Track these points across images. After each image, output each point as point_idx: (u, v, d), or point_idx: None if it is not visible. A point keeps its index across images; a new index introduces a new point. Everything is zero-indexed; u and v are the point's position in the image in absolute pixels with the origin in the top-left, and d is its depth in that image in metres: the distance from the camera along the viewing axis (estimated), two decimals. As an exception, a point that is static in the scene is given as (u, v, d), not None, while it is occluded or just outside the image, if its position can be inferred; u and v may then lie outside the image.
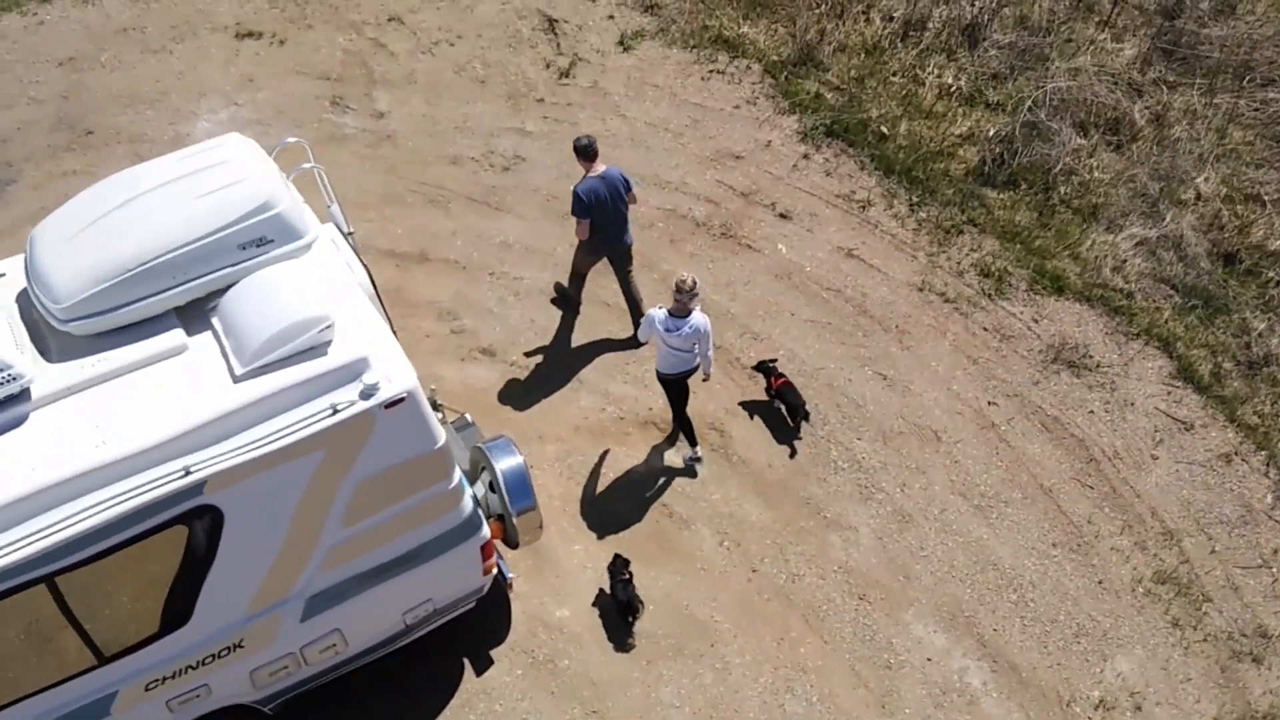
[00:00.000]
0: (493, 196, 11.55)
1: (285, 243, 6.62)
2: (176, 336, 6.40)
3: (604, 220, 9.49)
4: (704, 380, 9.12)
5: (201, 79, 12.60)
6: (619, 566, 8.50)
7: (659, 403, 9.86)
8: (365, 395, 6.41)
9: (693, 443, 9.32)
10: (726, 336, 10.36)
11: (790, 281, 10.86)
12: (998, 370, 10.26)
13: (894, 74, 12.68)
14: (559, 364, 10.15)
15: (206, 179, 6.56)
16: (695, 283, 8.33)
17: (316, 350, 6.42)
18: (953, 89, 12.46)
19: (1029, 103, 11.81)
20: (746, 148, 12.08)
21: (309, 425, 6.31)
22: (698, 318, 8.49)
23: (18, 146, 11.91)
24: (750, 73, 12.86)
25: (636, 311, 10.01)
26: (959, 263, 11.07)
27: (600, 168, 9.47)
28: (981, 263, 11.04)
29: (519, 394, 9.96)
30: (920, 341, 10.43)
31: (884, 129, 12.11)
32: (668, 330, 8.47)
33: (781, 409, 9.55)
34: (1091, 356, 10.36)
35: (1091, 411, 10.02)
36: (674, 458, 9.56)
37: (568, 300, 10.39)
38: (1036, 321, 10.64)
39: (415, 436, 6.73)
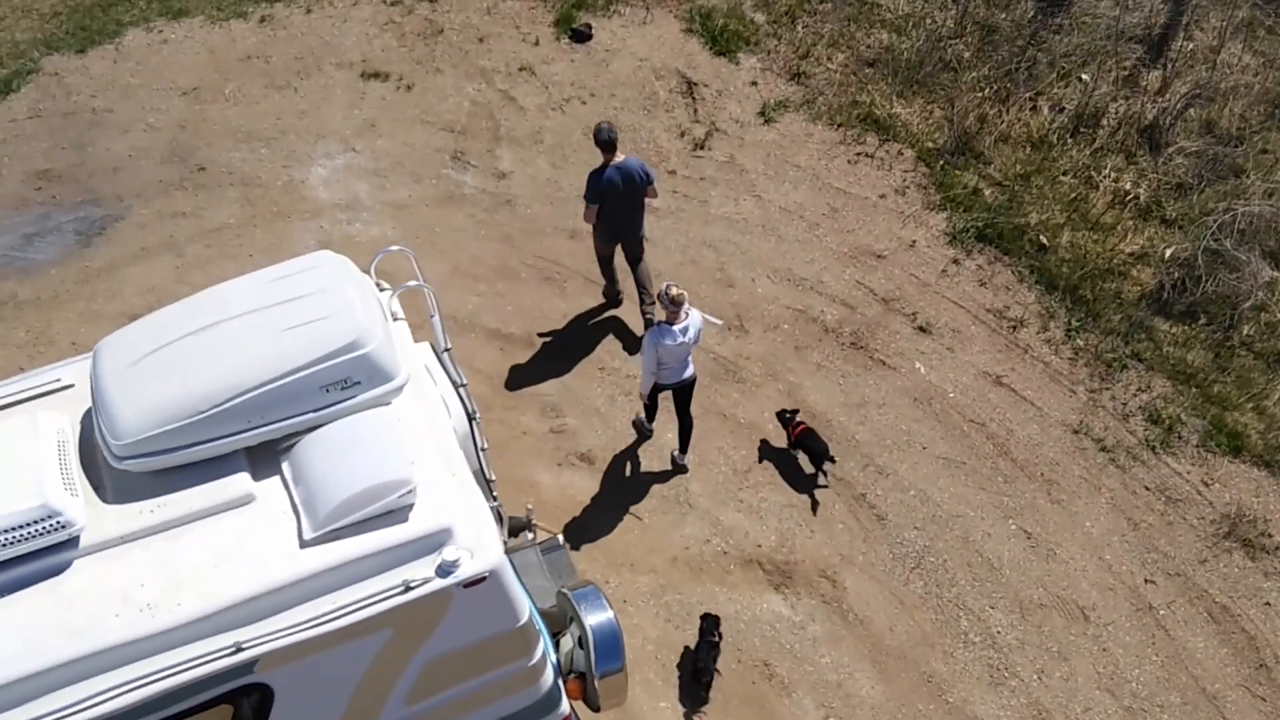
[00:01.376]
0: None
1: (374, 386, 5.79)
2: (243, 483, 5.62)
3: (616, 209, 9.30)
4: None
5: (322, 120, 11.98)
6: (710, 626, 7.93)
7: (770, 538, 8.84)
8: (443, 572, 5.54)
9: (683, 449, 9.08)
10: (847, 467, 9.28)
11: (928, 408, 9.72)
12: (1159, 541, 8.96)
13: (1063, 173, 11.39)
14: (666, 479, 9.19)
15: (293, 310, 5.77)
16: (682, 291, 8.24)
17: (395, 515, 5.58)
18: (1128, 198, 11.11)
19: (1215, 225, 10.42)
20: (890, 246, 10.94)
21: (378, 602, 5.47)
22: (694, 315, 8.42)
23: (129, 177, 11.45)
24: (901, 159, 11.71)
25: (644, 290, 9.85)
26: (1124, 404, 9.77)
27: (620, 158, 9.24)
28: (1150, 406, 9.72)
29: (617, 510, 9.04)
30: (1072, 496, 9.19)
31: (1045, 238, 10.85)
32: (674, 341, 8.28)
33: (799, 456, 9.11)
34: (1271, 536, 8.99)
35: (1268, 604, 8.66)
36: (780, 605, 8.53)
37: (609, 291, 10.17)
38: (1208, 485, 9.30)
39: (496, 614, 5.85)
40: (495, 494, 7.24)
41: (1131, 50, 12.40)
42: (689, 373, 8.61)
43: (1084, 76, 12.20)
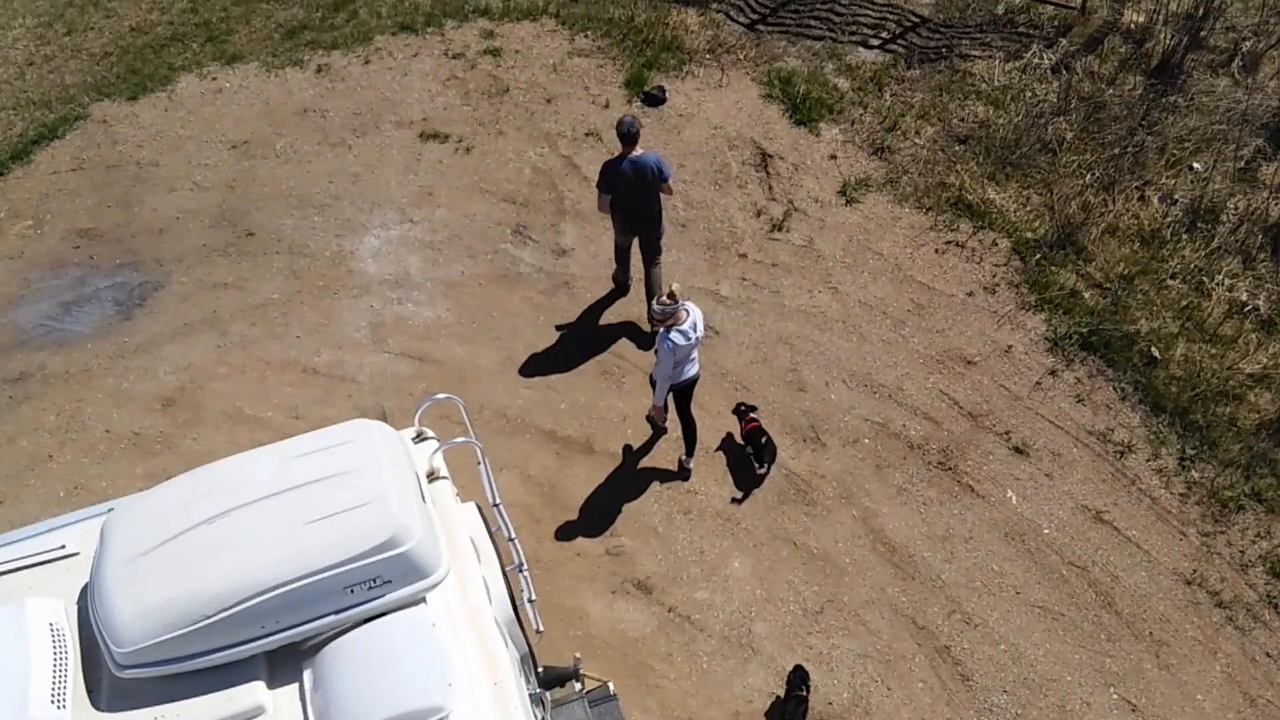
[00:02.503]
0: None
1: (407, 584, 5.00)
2: (255, 693, 4.85)
3: (628, 202, 9.23)
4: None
5: (378, 185, 11.26)
6: (799, 680, 7.63)
7: (843, 694, 7.93)
8: (479, 817, 4.74)
9: (690, 452, 9.00)
10: (930, 613, 8.33)
11: (1021, 545, 8.74)
12: (1283, 721, 7.92)
13: (1173, 275, 10.32)
14: (729, 614, 8.32)
15: (319, 496, 4.99)
16: (675, 288, 8.14)
17: (426, 745, 4.79)
18: (1247, 308, 10.03)
19: (1349, 346, 9.33)
20: (981, 351, 9.96)
21: None
22: (694, 311, 8.33)
23: (173, 241, 10.80)
24: (995, 250, 10.71)
25: (654, 296, 9.63)
26: (1242, 551, 8.72)
27: (637, 151, 9.12)
28: (1272, 556, 8.66)
29: (675, 651, 8.18)
30: (1183, 661, 8.16)
31: (1155, 349, 9.80)
32: (686, 341, 8.22)
33: (749, 452, 9.05)
34: None
35: None
36: (853, 774, 7.63)
37: (620, 284, 10.15)
38: (1339, 655, 8.24)
39: None
40: (538, 668, 6.44)
41: (1253, 137, 11.29)
42: (694, 370, 8.56)
43: (1195, 165, 11.11)
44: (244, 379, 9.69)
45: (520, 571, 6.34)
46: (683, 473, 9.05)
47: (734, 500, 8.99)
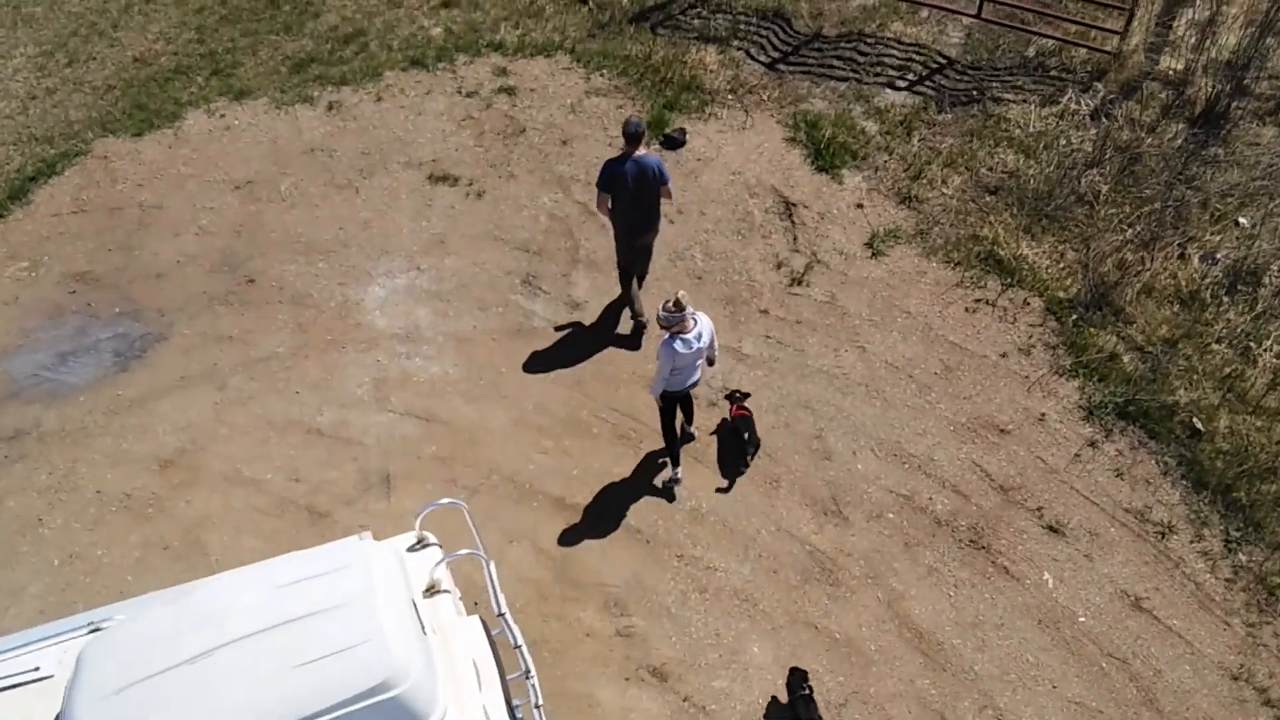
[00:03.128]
0: (693, 444, 9.35)
1: (404, 730, 4.57)
2: None
3: (626, 203, 9.19)
4: (710, 364, 8.72)
5: (386, 231, 10.86)
6: (798, 680, 7.59)
7: (868, 797, 7.49)
8: None
9: (675, 464, 8.89)
10: (961, 708, 7.87)
11: (1056, 633, 8.27)
12: (1338, 835, 7.43)
13: (1216, 340, 9.84)
14: (748, 706, 7.87)
15: (309, 634, 4.57)
16: (683, 295, 8.05)
17: None
18: (1294, 377, 9.56)
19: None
20: (1014, 418, 9.50)
21: None
22: (703, 321, 8.21)
23: (175, 288, 10.42)
24: (1028, 310, 10.25)
25: (636, 306, 9.89)
26: (1289, 645, 8.24)
27: (640, 151, 9.07)
28: (1321, 651, 8.18)
29: (690, 743, 7.74)
30: (1229, 765, 7.69)
31: (1197, 421, 9.32)
32: (687, 350, 8.11)
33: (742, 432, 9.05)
34: None
35: None
36: None
37: (636, 325, 9.98)
38: (1395, 761, 7.74)
39: None
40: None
41: (1299, 193, 10.82)
42: (696, 377, 8.49)
43: (1242, 220, 10.64)
44: (244, 439, 9.29)
45: (528, 679, 5.92)
46: (669, 488, 8.99)
47: (719, 490, 8.97)
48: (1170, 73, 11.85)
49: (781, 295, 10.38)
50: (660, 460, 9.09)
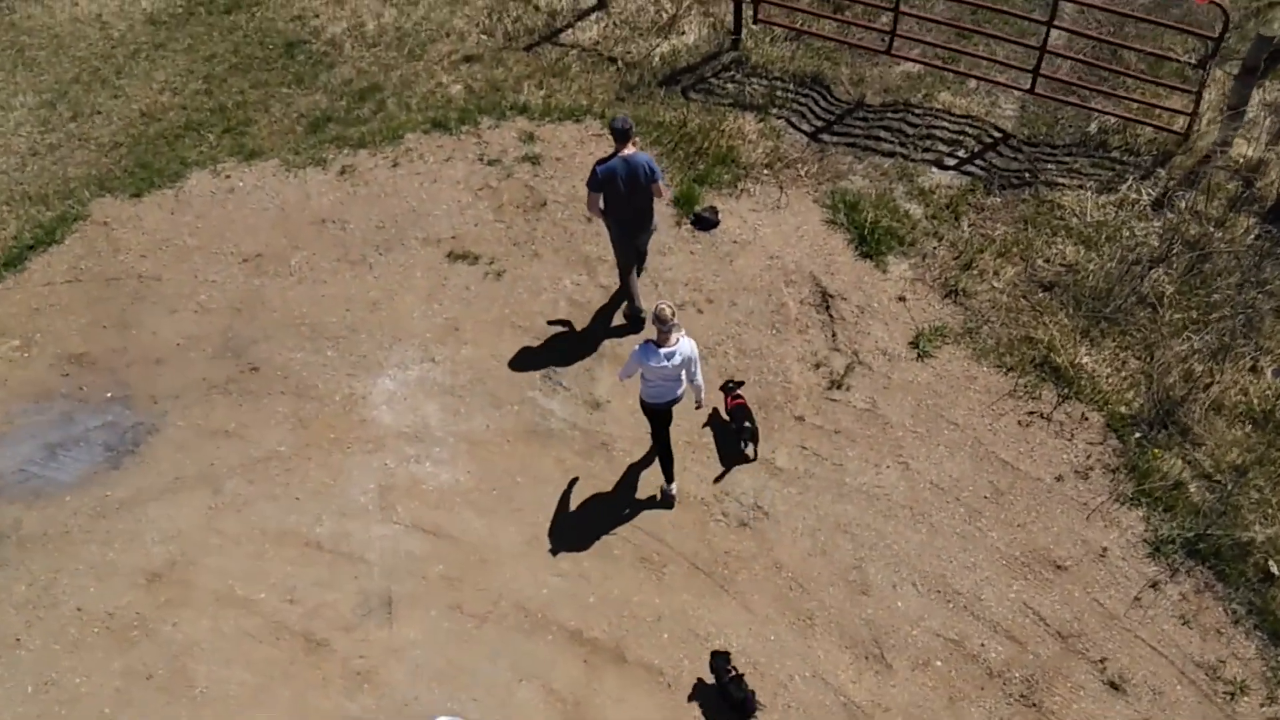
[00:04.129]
0: (719, 567, 8.66)
1: None
2: None
3: (618, 202, 9.10)
4: (697, 408, 8.80)
5: (398, 315, 10.19)
6: (722, 662, 7.69)
7: None
8: None
9: (669, 479, 8.82)
10: None
11: (1116, 811, 7.54)
12: None
13: (1290, 469, 9.08)
14: None
15: None
16: (674, 311, 8.04)
17: None
18: (1380, 516, 8.77)
19: None
20: (1071, 552, 8.76)
21: None
22: (684, 344, 8.14)
23: (171, 372, 9.79)
24: (1086, 426, 9.49)
25: (635, 301, 9.87)
26: (1376, 835, 7.48)
27: (629, 150, 9.02)
28: None
29: None
30: None
31: (1273, 564, 8.56)
32: (659, 364, 8.05)
33: (733, 428, 9.09)
34: None
35: None
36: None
37: (634, 318, 9.95)
38: None
39: None
40: None
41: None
42: (676, 394, 8.38)
43: (1319, 331, 9.86)
44: (238, 551, 8.65)
45: None
46: (665, 500, 8.90)
47: (714, 480, 9.02)
48: (1241, 160, 11.06)
49: (819, 400, 9.66)
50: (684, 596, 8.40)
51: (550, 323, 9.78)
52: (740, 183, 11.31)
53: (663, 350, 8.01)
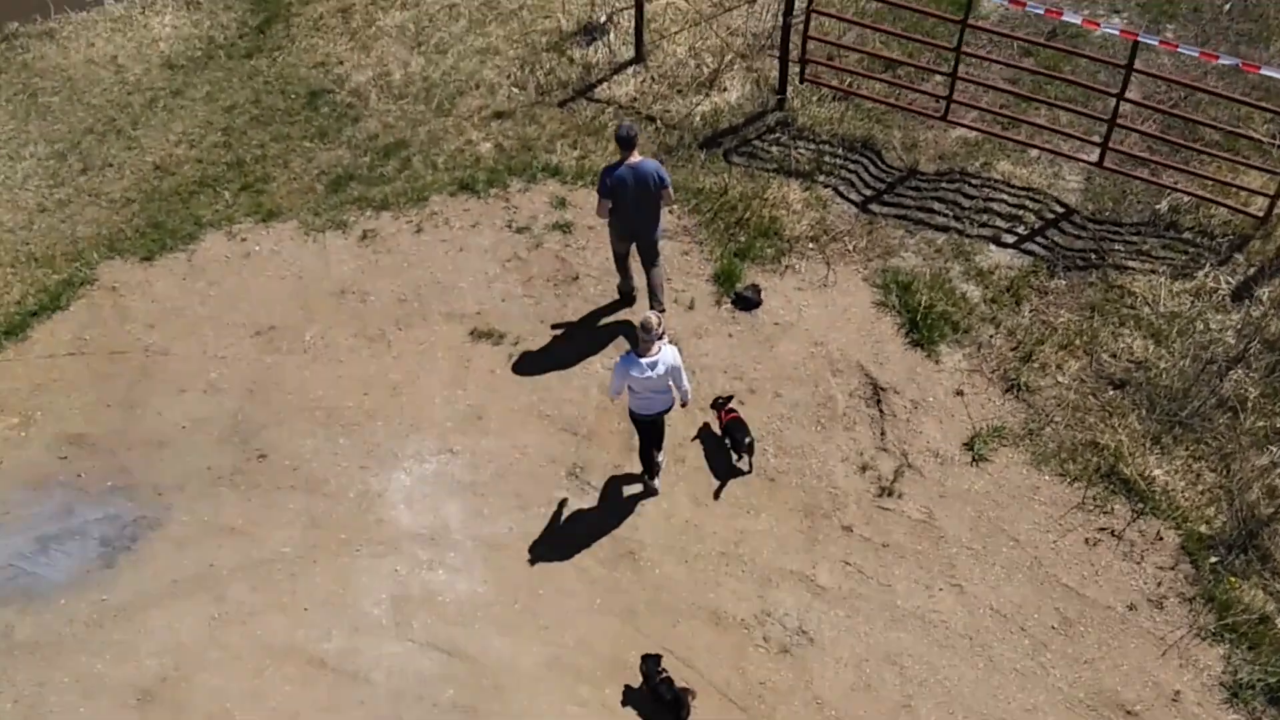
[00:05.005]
0: (754, 700, 7.95)
1: None
2: None
3: (626, 207, 9.03)
4: (682, 406, 8.59)
5: (419, 400, 9.53)
6: (653, 665, 7.66)
7: None
8: None
9: (652, 475, 8.77)
10: None
11: None
12: None
13: (1387, 606, 8.25)
14: None
15: None
16: (660, 320, 8.03)
17: None
18: None
19: None
20: (1142, 695, 7.97)
21: None
22: (667, 352, 8.06)
23: (176, 459, 9.17)
24: (1159, 547, 8.70)
25: (655, 296, 9.61)
26: None
27: (636, 158, 8.97)
28: None
29: None
30: None
31: (1367, 718, 7.75)
32: (643, 374, 7.96)
33: (728, 444, 8.96)
34: None
35: None
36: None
37: (623, 288, 9.93)
38: None
39: None
40: None
41: None
42: (662, 407, 8.32)
43: None
44: (238, 668, 8.01)
45: None
46: (649, 491, 8.87)
47: (714, 495, 8.89)
48: (1327, 248, 10.23)
49: (868, 508, 8.92)
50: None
51: (554, 326, 9.79)
52: (784, 258, 10.58)
53: (645, 360, 7.91)
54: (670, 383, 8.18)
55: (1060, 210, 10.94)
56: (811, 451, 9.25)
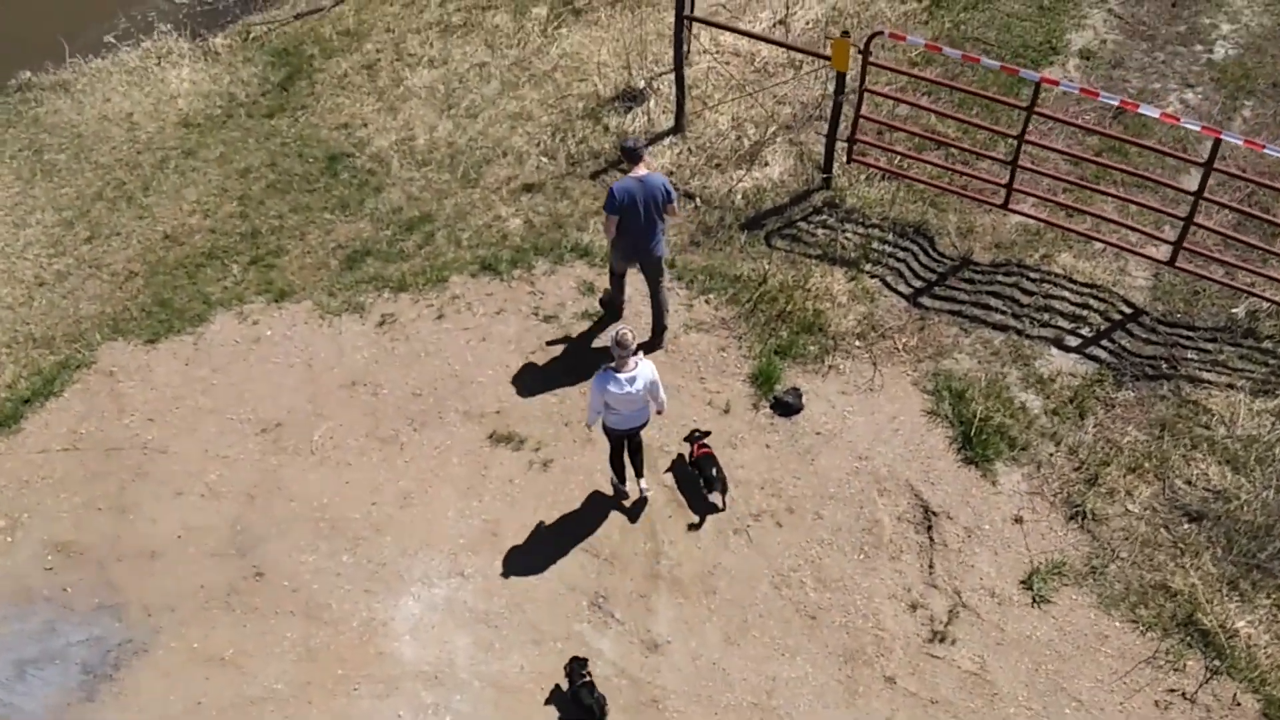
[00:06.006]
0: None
1: None
2: None
3: (633, 223, 8.85)
4: (658, 414, 8.35)
5: (430, 513, 8.77)
6: (578, 668, 7.60)
7: None
8: None
9: (622, 480, 8.65)
10: None
11: None
12: None
13: None
14: None
15: None
16: (635, 337, 7.78)
17: None
18: None
19: None
20: None
21: None
22: (644, 366, 7.87)
23: (168, 574, 8.45)
24: (1237, 715, 7.77)
25: (660, 320, 9.55)
26: None
27: (642, 171, 8.80)
28: None
29: None
30: None
31: None
32: (621, 390, 7.76)
33: (700, 478, 8.67)
34: None
35: None
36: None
37: (611, 304, 9.78)
38: None
39: None
40: None
41: None
42: (640, 421, 8.16)
43: None
44: (222, 825, 7.25)
45: None
46: (619, 494, 8.76)
47: (690, 526, 8.57)
48: None
49: (916, 655, 8.05)
50: None
51: (550, 343, 9.61)
52: (828, 357, 9.73)
53: (623, 375, 7.72)
54: (649, 396, 7.98)
55: (1127, 310, 10.01)
56: (854, 585, 8.39)
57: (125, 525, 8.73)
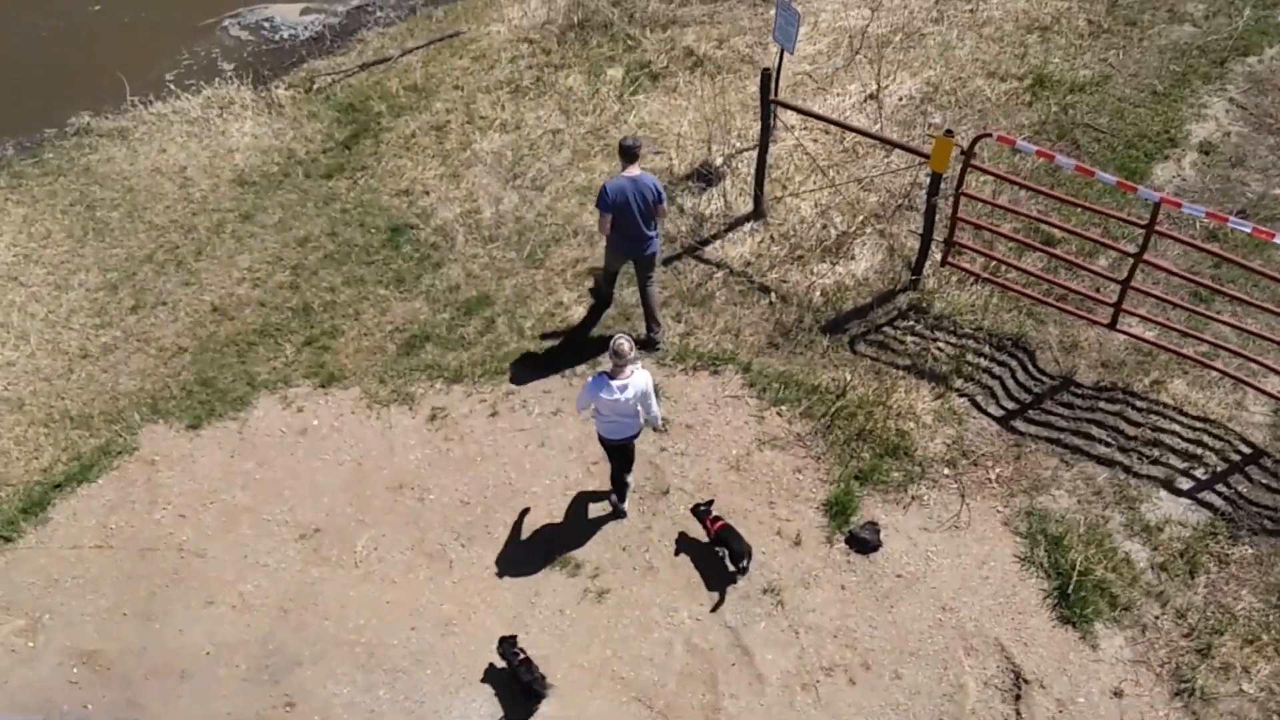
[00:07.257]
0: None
1: None
2: None
3: (626, 222, 8.90)
4: (655, 430, 8.45)
5: (474, 643, 8.08)
6: (509, 646, 7.58)
7: None
8: None
9: (621, 499, 8.48)
10: None
11: None
12: None
13: None
14: None
15: None
16: (633, 347, 7.57)
17: None
18: None
19: None
20: None
21: None
22: (639, 376, 7.69)
23: (194, 697, 7.85)
24: None
25: (651, 317, 9.48)
26: None
27: (635, 171, 8.82)
28: None
29: None
30: None
31: None
32: (611, 396, 7.59)
33: (722, 554, 8.24)
34: None
35: None
36: None
37: (600, 294, 9.85)
38: None
39: None
40: None
41: None
42: (631, 432, 8.03)
43: None
44: None
45: None
46: (617, 512, 8.59)
47: (711, 609, 8.06)
48: None
49: None
50: None
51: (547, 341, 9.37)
52: (912, 485, 8.86)
53: (615, 383, 7.61)
54: (639, 408, 7.83)
55: (1246, 450, 9.01)
56: (935, 759, 7.54)
57: (152, 635, 8.16)
